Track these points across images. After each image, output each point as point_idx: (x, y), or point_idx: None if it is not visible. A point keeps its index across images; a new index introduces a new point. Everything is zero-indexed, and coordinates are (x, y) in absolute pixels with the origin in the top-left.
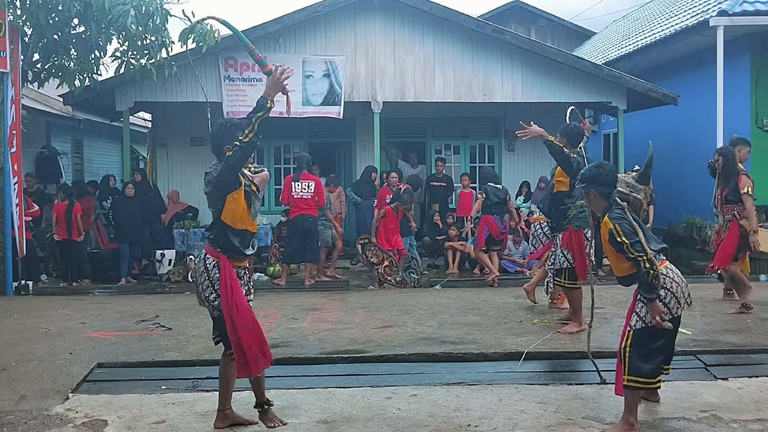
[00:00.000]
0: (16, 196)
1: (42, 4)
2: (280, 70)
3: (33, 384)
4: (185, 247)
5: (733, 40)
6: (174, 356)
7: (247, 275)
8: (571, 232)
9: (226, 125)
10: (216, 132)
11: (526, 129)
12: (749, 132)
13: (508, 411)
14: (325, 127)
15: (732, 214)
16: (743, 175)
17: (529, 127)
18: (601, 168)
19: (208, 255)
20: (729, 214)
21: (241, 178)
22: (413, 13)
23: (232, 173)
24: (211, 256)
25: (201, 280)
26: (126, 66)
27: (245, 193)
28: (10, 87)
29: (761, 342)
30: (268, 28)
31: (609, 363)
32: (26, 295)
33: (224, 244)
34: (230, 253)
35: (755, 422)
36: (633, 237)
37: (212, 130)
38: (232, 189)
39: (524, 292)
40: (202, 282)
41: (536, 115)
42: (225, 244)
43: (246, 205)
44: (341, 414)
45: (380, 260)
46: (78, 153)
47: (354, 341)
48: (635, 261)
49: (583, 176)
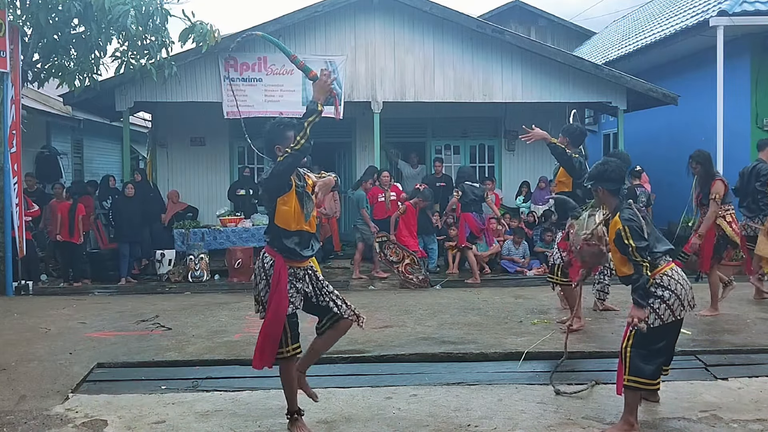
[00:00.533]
0: (16, 196)
1: (42, 4)
2: (326, 74)
3: (33, 384)
4: (185, 247)
5: (733, 40)
6: (174, 356)
7: (314, 276)
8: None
9: (277, 125)
10: (267, 132)
11: (529, 132)
12: (749, 132)
13: (508, 411)
14: (325, 127)
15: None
16: (718, 180)
17: (532, 130)
18: (607, 165)
19: (266, 254)
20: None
21: (292, 180)
22: (413, 13)
23: (281, 180)
24: (269, 255)
25: (258, 280)
26: (126, 66)
27: (297, 194)
28: (10, 87)
29: (761, 342)
30: (268, 28)
31: (609, 363)
32: (26, 295)
33: (281, 246)
34: (287, 254)
35: (755, 422)
36: (640, 241)
37: (265, 129)
38: (281, 192)
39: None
40: (260, 281)
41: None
42: (281, 246)
43: (298, 206)
44: (341, 414)
45: (400, 258)
46: (78, 153)
47: (354, 341)
48: (637, 264)
49: (591, 174)
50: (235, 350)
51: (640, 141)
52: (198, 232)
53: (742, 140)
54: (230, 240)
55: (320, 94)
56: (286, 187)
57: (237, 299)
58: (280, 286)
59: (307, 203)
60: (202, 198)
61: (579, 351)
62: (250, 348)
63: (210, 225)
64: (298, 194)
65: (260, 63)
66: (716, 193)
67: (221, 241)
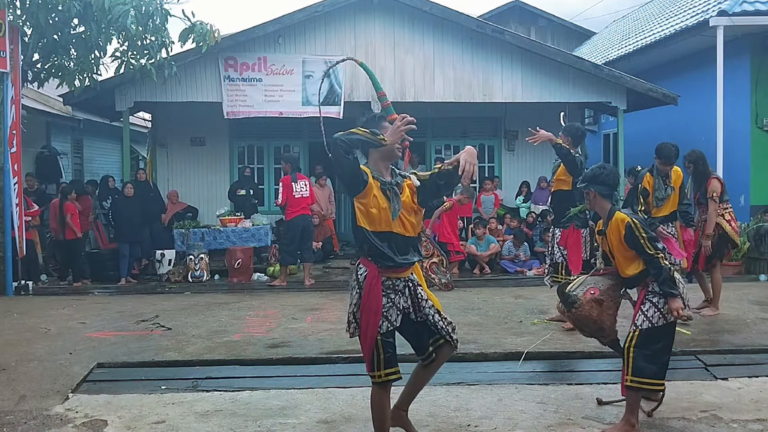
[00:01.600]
0: (16, 196)
1: (42, 4)
2: (404, 120)
3: (33, 384)
4: (185, 247)
5: (733, 40)
6: (174, 356)
7: (416, 289)
8: (571, 230)
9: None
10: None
11: (535, 135)
12: (749, 132)
13: (508, 411)
14: (325, 127)
15: (706, 215)
16: (713, 178)
17: (537, 132)
18: (603, 169)
19: (361, 264)
20: (704, 215)
21: (368, 177)
22: (413, 13)
23: (350, 178)
24: (363, 265)
25: (353, 293)
26: (126, 66)
27: (381, 192)
28: (10, 87)
29: (761, 342)
30: (268, 28)
31: (609, 363)
32: (26, 295)
33: (371, 251)
34: (380, 261)
35: (755, 422)
36: (650, 232)
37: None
38: (356, 192)
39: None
40: (353, 294)
41: (536, 115)
42: (371, 250)
43: (380, 204)
44: (341, 414)
45: (429, 253)
46: (78, 153)
47: (354, 341)
48: (651, 259)
49: (585, 176)
50: (235, 350)
51: (640, 141)
52: (198, 232)
53: (742, 140)
54: (230, 240)
55: (392, 138)
56: (360, 185)
57: (237, 299)
58: (370, 307)
59: (393, 201)
60: (202, 198)
61: (579, 351)
62: (250, 348)
63: (210, 225)
64: (383, 191)
65: (260, 63)
66: (713, 192)
67: (221, 241)
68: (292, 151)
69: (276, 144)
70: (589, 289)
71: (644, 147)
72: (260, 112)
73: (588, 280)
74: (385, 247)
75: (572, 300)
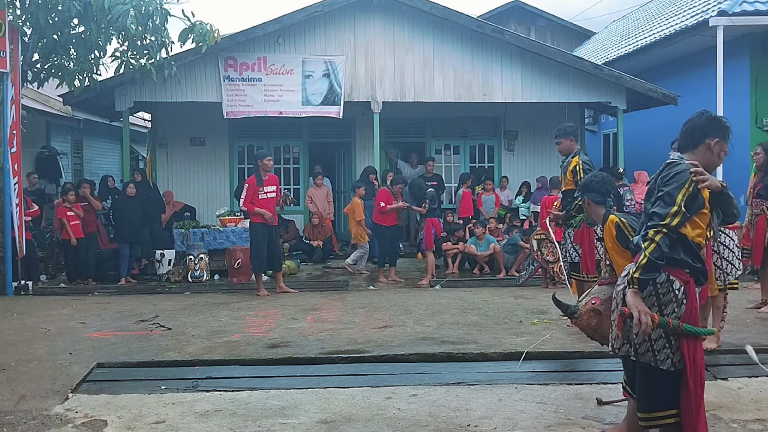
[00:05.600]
0: (16, 196)
1: (42, 4)
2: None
3: (33, 384)
4: (185, 247)
5: (732, 40)
6: (174, 356)
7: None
8: (584, 228)
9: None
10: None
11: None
12: (749, 132)
13: (508, 411)
14: (325, 127)
15: (761, 208)
16: None
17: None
18: (595, 177)
19: (673, 276)
20: (758, 209)
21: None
22: (413, 13)
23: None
24: (678, 279)
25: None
26: (126, 66)
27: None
28: (10, 87)
29: (761, 342)
30: (267, 28)
31: (609, 363)
32: (26, 295)
33: (693, 266)
34: (699, 276)
35: (755, 422)
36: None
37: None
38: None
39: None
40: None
41: (536, 115)
42: (693, 264)
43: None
44: (341, 414)
45: (556, 258)
46: (78, 153)
47: (354, 341)
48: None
49: (580, 185)
50: (235, 350)
51: (640, 141)
52: (198, 232)
53: (741, 140)
54: (230, 240)
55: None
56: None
57: (237, 299)
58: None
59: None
60: (202, 198)
61: (579, 351)
62: (249, 348)
63: (210, 225)
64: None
65: (260, 63)
66: None
67: (221, 241)
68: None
69: (276, 144)
70: (591, 299)
71: (644, 147)
72: (260, 112)
73: (594, 290)
74: (703, 262)
75: (572, 311)
